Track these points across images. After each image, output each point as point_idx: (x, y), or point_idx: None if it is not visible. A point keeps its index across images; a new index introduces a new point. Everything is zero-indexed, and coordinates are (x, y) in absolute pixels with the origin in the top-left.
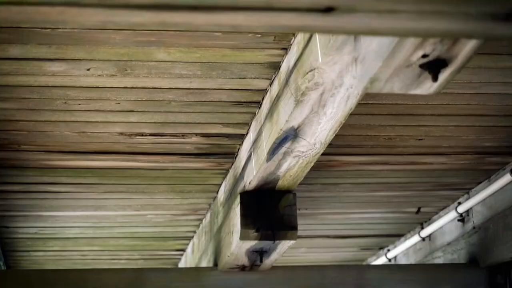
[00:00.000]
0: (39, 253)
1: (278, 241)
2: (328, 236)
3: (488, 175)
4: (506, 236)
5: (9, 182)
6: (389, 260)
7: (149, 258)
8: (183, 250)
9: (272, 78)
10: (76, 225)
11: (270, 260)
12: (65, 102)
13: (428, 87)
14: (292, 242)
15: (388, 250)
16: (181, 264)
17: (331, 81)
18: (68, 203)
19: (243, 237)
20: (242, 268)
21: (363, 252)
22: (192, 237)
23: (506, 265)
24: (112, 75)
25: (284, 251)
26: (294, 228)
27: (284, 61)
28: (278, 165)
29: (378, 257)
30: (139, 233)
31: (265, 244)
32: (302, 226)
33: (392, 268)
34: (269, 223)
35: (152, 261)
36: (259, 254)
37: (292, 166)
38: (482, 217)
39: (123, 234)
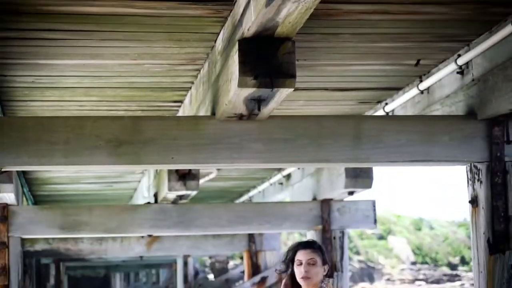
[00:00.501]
0: (36, 103)
1: (276, 89)
2: (326, 89)
3: (489, 27)
4: (506, 88)
5: (5, 28)
6: (387, 113)
7: (147, 109)
8: (181, 101)
9: None
10: (73, 74)
11: (268, 108)
12: None
13: None
14: (290, 90)
15: (386, 104)
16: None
17: None
18: (65, 51)
19: (241, 84)
20: (240, 117)
21: (361, 106)
22: (190, 87)
23: (504, 117)
24: None
25: (282, 100)
26: (293, 76)
27: None
28: (278, 11)
29: (375, 111)
30: (137, 83)
31: (263, 91)
32: (301, 78)
33: (389, 119)
34: (267, 71)
35: (150, 112)
36: (257, 102)
37: (292, 12)
38: (481, 69)
39: (120, 84)
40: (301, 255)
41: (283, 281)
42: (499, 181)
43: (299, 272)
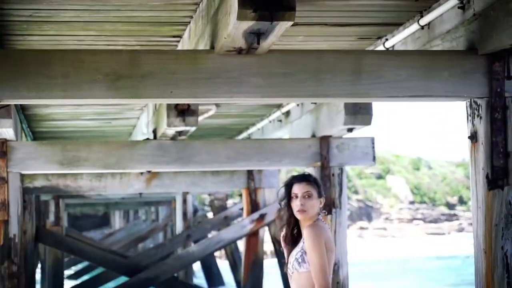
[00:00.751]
0: (34, 37)
1: (275, 22)
2: (326, 24)
3: None
4: (507, 22)
5: None
6: (387, 49)
7: (145, 44)
8: (180, 36)
9: None
10: (71, 7)
11: (267, 42)
12: None
13: None
14: (289, 23)
15: (386, 40)
16: None
17: None
18: None
19: (240, 17)
20: (239, 51)
21: (361, 42)
22: (189, 22)
23: (505, 52)
24: None
25: (281, 33)
26: (292, 9)
27: None
28: None
29: (376, 47)
30: (135, 17)
31: (263, 25)
32: (300, 12)
33: (389, 54)
34: (267, 3)
35: (149, 47)
36: (256, 35)
37: None
38: (483, 3)
39: (119, 18)
40: (296, 189)
41: (282, 233)
42: (498, 116)
43: (295, 205)
